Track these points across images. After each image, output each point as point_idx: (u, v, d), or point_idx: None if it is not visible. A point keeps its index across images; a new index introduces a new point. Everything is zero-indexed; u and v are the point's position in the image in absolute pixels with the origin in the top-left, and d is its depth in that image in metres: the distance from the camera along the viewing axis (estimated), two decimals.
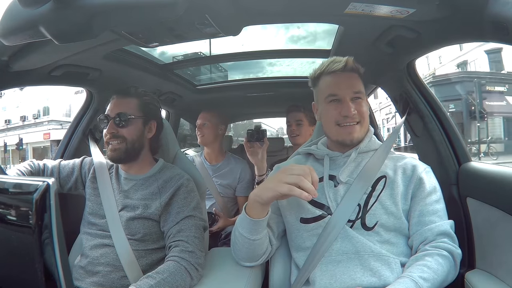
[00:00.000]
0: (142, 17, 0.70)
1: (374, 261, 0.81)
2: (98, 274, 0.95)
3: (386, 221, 0.85)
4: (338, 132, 0.92)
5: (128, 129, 1.03)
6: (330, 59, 0.95)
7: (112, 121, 1.03)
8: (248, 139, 1.61)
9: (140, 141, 1.06)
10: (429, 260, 0.77)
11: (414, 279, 0.73)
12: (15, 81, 1.04)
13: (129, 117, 1.03)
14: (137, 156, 1.07)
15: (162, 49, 1.65)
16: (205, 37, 0.89)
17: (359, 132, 0.91)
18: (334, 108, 0.92)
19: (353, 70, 0.93)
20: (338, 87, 0.92)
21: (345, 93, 0.91)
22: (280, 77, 2.13)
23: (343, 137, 0.92)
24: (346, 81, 0.92)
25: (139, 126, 1.06)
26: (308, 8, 0.84)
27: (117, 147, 1.03)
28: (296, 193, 0.73)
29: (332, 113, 0.92)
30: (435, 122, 1.14)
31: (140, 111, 1.06)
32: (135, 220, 1.00)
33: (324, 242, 0.85)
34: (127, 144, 1.03)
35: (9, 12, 0.71)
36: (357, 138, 0.92)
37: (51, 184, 0.43)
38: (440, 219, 0.84)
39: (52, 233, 0.43)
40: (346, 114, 0.90)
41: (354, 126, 0.91)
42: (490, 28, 0.67)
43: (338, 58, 0.93)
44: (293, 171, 0.76)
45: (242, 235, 0.86)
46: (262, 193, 0.80)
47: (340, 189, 0.90)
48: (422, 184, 0.87)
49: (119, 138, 1.03)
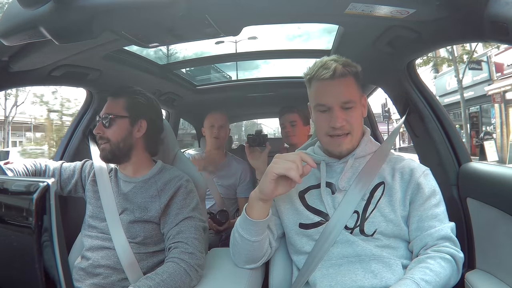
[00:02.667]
0: (142, 17, 0.70)
1: (375, 263, 0.81)
2: (99, 276, 0.95)
3: (385, 228, 0.83)
4: (328, 143, 0.90)
5: (112, 129, 1.03)
6: (320, 63, 0.89)
7: (100, 121, 1.04)
8: (250, 144, 1.58)
9: (127, 141, 1.04)
10: (432, 263, 0.76)
11: (416, 281, 0.72)
12: (15, 81, 1.04)
13: (112, 117, 1.03)
14: (127, 157, 1.06)
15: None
16: (205, 37, 0.89)
17: (349, 143, 0.88)
18: (324, 118, 0.88)
19: (344, 75, 0.86)
20: (326, 96, 0.87)
21: (334, 103, 0.85)
22: (280, 77, 2.13)
23: (332, 148, 0.89)
24: (335, 90, 0.86)
25: (124, 126, 1.04)
26: (308, 8, 0.84)
27: (104, 147, 1.03)
28: (291, 173, 0.75)
29: (322, 124, 0.88)
30: (435, 122, 1.14)
31: (126, 111, 1.05)
32: (135, 223, 1.00)
33: (322, 247, 0.85)
34: (111, 145, 1.03)
35: (9, 12, 0.71)
36: (347, 149, 0.89)
37: (51, 185, 0.43)
38: (440, 223, 0.82)
39: (52, 234, 0.43)
40: (333, 126, 0.85)
41: (343, 137, 0.87)
42: (490, 28, 0.67)
43: (327, 64, 0.86)
44: (287, 157, 0.78)
45: (242, 237, 0.86)
46: (261, 185, 0.81)
47: (338, 196, 0.89)
48: (420, 189, 0.85)
49: (104, 139, 1.03)
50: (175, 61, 1.75)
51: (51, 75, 1.11)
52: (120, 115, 1.04)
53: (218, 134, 1.84)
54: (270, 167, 0.79)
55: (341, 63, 0.87)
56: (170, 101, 2.01)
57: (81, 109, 1.44)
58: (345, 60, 0.89)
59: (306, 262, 0.87)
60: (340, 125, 0.85)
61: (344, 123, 0.85)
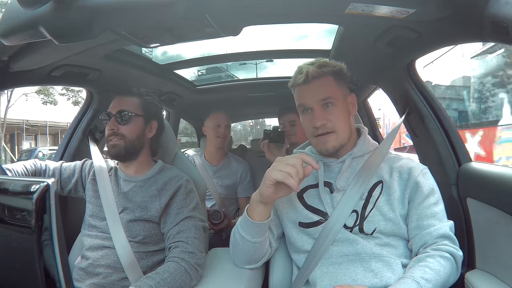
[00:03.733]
0: (142, 17, 0.70)
1: (375, 262, 0.81)
2: (99, 275, 0.95)
3: (384, 227, 0.84)
4: (315, 143, 0.91)
5: (128, 126, 1.04)
6: (297, 69, 0.92)
7: (113, 118, 1.04)
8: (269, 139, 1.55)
9: (140, 140, 1.07)
10: (431, 262, 0.76)
11: (416, 280, 0.72)
12: (15, 81, 1.04)
13: (130, 115, 1.04)
14: (136, 155, 1.07)
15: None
16: (205, 37, 0.89)
17: (334, 141, 0.88)
18: (308, 119, 0.90)
19: (317, 77, 0.88)
20: (304, 98, 0.90)
21: (313, 102, 0.88)
22: (280, 77, 2.13)
23: (320, 147, 0.90)
24: (312, 90, 0.89)
25: (140, 125, 1.07)
26: (308, 8, 0.84)
27: (116, 143, 1.03)
28: (289, 182, 0.73)
29: (306, 126, 0.91)
30: (435, 122, 1.14)
31: (141, 110, 1.07)
32: (135, 222, 1.00)
33: (321, 245, 0.85)
34: (126, 142, 1.03)
35: (9, 12, 0.71)
36: (334, 147, 0.88)
37: (51, 185, 0.43)
38: (439, 221, 0.83)
39: (52, 234, 0.43)
40: (315, 125, 0.88)
41: (327, 136, 0.88)
42: (490, 28, 0.67)
43: (301, 69, 0.90)
44: (287, 161, 0.76)
45: (243, 237, 0.86)
46: (261, 189, 0.80)
47: (337, 195, 0.89)
48: (419, 188, 0.85)
49: (119, 135, 1.03)
50: (175, 61, 1.75)
51: (51, 75, 1.11)
52: (137, 113, 1.06)
53: (224, 134, 1.85)
54: (268, 171, 0.77)
55: (316, 65, 0.89)
56: (170, 101, 2.01)
57: (81, 109, 1.44)
58: (322, 62, 0.91)
59: (306, 260, 0.87)
60: (321, 123, 0.87)
61: (324, 121, 0.87)
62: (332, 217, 0.86)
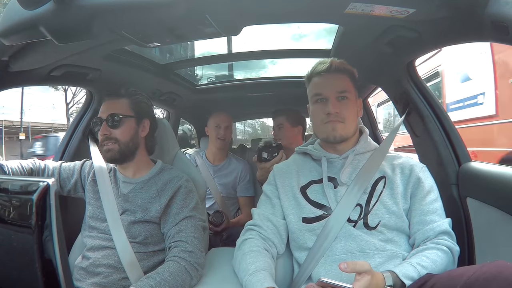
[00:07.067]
0: (142, 17, 0.70)
1: (379, 257, 0.83)
2: (99, 275, 0.95)
3: (388, 220, 0.86)
4: (323, 130, 0.94)
5: (121, 130, 1.03)
6: (318, 61, 0.98)
7: (105, 122, 1.03)
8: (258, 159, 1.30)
9: (134, 141, 1.06)
10: (429, 252, 0.80)
11: (412, 264, 0.75)
12: (15, 81, 1.04)
13: (121, 117, 1.03)
14: (132, 156, 1.07)
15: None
16: (205, 37, 0.89)
17: (343, 130, 0.92)
18: (320, 108, 0.94)
19: (339, 70, 0.94)
20: (322, 87, 0.94)
21: (330, 92, 0.93)
22: (280, 77, 2.13)
23: (327, 134, 0.93)
24: (331, 81, 0.94)
25: (132, 126, 1.06)
26: (308, 8, 0.84)
27: (111, 148, 1.03)
28: None
29: (318, 113, 0.94)
30: (435, 122, 1.14)
31: (132, 111, 1.06)
32: (136, 223, 1.00)
33: (324, 241, 0.86)
34: (120, 146, 1.03)
35: (9, 12, 0.71)
36: (341, 135, 0.92)
37: (51, 184, 0.43)
38: (439, 217, 0.86)
39: (52, 233, 0.43)
40: (328, 111, 0.91)
41: (338, 123, 0.92)
42: (490, 28, 0.67)
43: (325, 60, 0.96)
44: None
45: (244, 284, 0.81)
46: None
47: (340, 190, 0.91)
48: (421, 183, 0.89)
49: (112, 139, 1.03)
50: (175, 61, 1.75)
51: (51, 75, 1.11)
52: (127, 114, 1.05)
53: (224, 135, 1.85)
54: None
55: (339, 61, 0.96)
56: (170, 101, 2.01)
57: (81, 109, 1.44)
58: (342, 60, 0.97)
59: (308, 256, 0.88)
60: (334, 111, 0.91)
61: (338, 110, 0.91)
62: (336, 211, 0.87)
